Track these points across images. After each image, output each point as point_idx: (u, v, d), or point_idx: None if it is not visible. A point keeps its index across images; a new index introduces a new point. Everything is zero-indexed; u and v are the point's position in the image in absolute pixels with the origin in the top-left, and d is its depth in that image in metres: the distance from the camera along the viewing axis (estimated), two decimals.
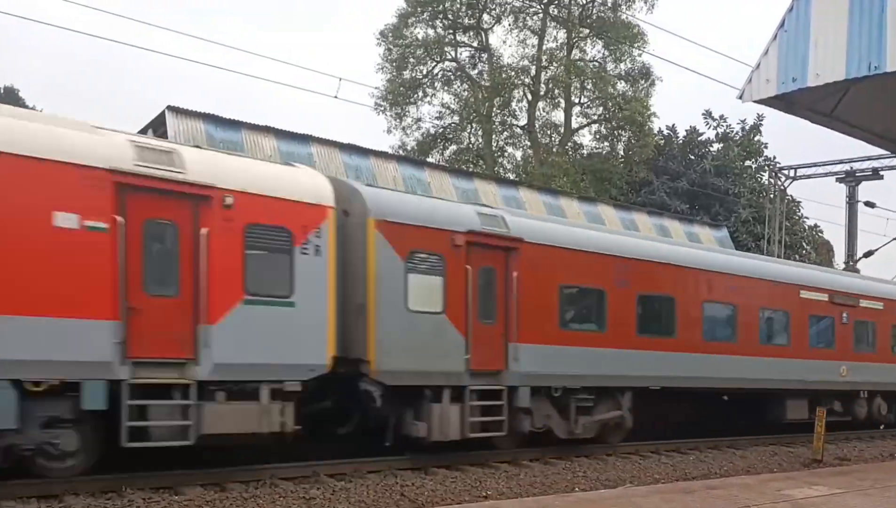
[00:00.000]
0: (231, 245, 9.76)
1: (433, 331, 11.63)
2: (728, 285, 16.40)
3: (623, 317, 14.29)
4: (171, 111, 18.60)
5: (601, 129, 40.54)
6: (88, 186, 8.81)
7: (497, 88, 37.94)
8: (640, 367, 14.38)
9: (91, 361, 8.79)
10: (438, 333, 11.66)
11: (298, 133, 21.03)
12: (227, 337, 9.66)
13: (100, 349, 8.81)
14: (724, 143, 41.48)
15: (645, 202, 36.51)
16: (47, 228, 8.58)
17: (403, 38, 38.77)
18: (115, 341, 8.88)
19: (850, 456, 16.47)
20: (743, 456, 15.48)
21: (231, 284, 9.75)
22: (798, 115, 12.67)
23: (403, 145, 40.36)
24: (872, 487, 11.20)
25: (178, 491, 9.47)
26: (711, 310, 16.13)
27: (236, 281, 9.80)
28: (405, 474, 11.35)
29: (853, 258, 33.93)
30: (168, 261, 9.49)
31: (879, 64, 10.02)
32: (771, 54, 11.07)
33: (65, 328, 8.62)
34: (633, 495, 9.82)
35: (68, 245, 8.71)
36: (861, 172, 32.94)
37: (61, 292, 8.65)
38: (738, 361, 16.32)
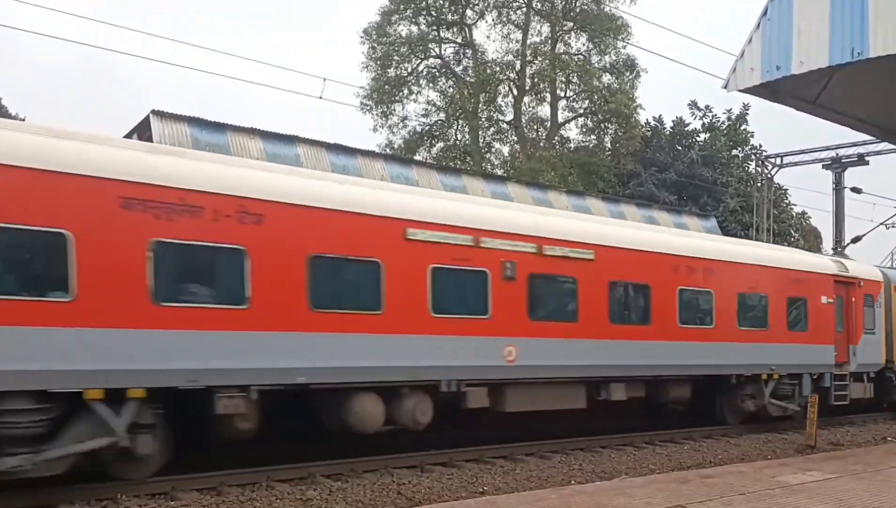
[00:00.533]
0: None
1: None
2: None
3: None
4: (155, 115, 18.43)
5: (588, 122, 40.59)
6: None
7: (482, 84, 37.92)
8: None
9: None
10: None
11: (285, 134, 20.89)
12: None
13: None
14: (711, 133, 41.64)
15: (633, 194, 36.59)
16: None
17: (387, 36, 38.68)
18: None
19: (842, 441, 16.57)
20: (737, 444, 15.55)
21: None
22: (783, 103, 12.73)
23: (390, 144, 40.33)
24: (865, 471, 11.28)
25: (174, 497, 9.43)
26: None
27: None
28: (401, 472, 11.35)
29: (841, 244, 34.14)
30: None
31: (863, 50, 10.07)
32: (755, 43, 11.11)
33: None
34: (630, 486, 9.85)
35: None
36: (847, 158, 33.11)
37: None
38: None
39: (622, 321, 14.40)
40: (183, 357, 9.45)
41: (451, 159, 39.67)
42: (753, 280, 16.96)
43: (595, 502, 8.57)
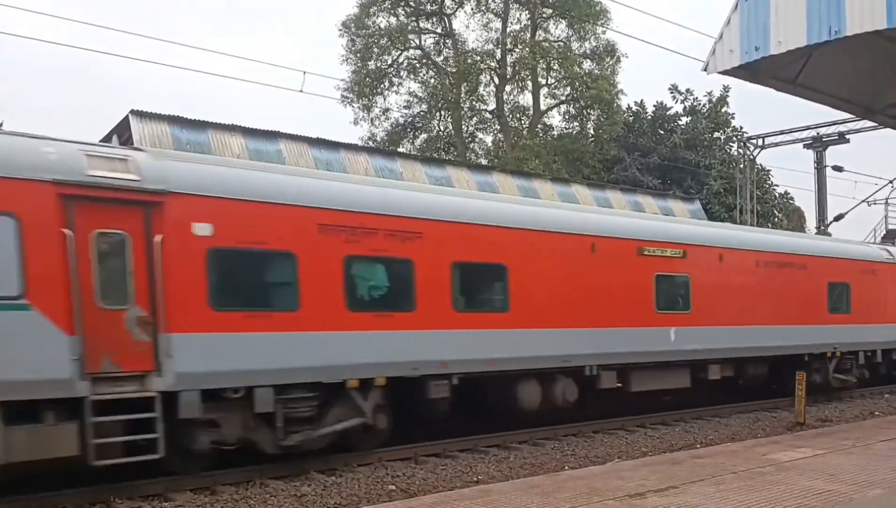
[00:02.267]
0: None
1: None
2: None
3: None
4: (134, 115, 18.34)
5: (570, 109, 40.65)
6: None
7: (463, 74, 37.84)
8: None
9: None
10: None
11: (266, 130, 20.86)
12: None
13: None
14: (692, 116, 41.80)
15: (618, 180, 36.73)
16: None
17: (366, 28, 38.52)
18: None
19: (831, 417, 16.73)
20: (727, 424, 15.66)
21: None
22: (763, 83, 12.79)
23: (373, 137, 40.22)
24: (854, 446, 11.40)
25: (168, 498, 9.40)
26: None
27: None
28: (395, 464, 11.37)
29: (824, 223, 34.42)
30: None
31: (839, 28, 10.13)
32: (733, 24, 11.15)
33: None
34: (622, 469, 9.91)
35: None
36: (827, 137, 33.32)
37: None
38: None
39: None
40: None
41: (435, 151, 39.63)
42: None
43: (589, 486, 8.62)
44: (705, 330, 15.95)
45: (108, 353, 8.93)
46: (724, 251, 16.62)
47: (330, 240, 10.80)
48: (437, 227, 12.00)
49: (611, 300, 14.28)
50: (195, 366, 9.48)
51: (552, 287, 13.36)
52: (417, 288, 11.71)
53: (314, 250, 10.64)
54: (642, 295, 14.91)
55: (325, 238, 10.76)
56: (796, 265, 18.51)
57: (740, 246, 17.22)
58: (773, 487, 8.51)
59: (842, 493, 8.15)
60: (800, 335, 18.38)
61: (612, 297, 14.30)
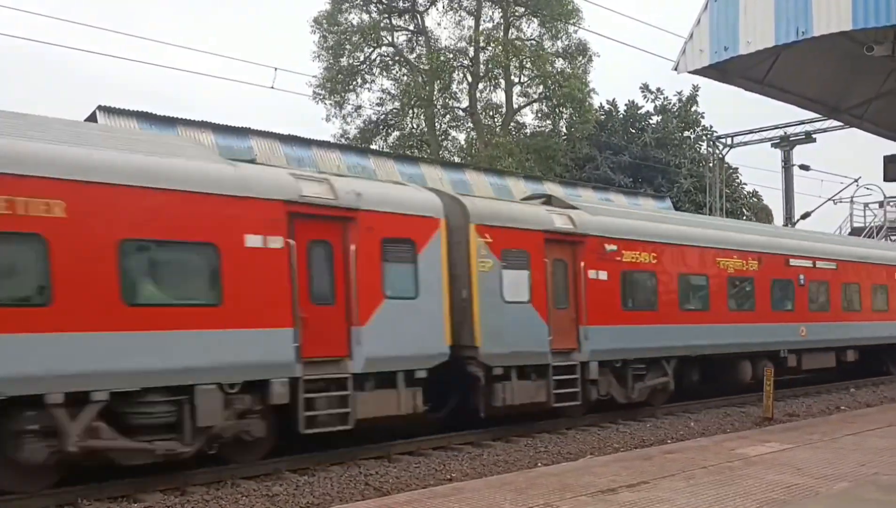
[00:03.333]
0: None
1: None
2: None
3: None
4: (102, 111, 18.07)
5: (542, 107, 40.81)
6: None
7: (436, 72, 37.83)
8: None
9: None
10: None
11: (237, 127, 20.66)
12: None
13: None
14: (663, 115, 42.19)
15: (590, 178, 36.97)
16: None
17: (338, 25, 38.33)
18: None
19: (798, 412, 16.98)
20: (697, 420, 15.83)
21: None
22: (732, 83, 12.94)
23: (345, 134, 40.05)
24: (821, 440, 11.58)
25: (138, 499, 9.26)
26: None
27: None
28: (368, 463, 11.33)
29: (791, 221, 34.95)
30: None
31: (807, 29, 10.28)
32: (703, 24, 11.26)
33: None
34: (594, 465, 9.98)
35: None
36: (795, 136, 33.86)
37: None
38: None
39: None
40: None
41: (408, 148, 39.59)
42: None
43: (561, 482, 8.66)
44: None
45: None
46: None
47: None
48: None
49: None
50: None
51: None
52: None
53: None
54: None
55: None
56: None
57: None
58: (742, 481, 8.62)
59: (808, 486, 8.28)
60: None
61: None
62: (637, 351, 15.45)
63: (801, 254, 20.17)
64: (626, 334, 15.19)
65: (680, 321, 16.41)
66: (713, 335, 17.08)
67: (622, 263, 15.23)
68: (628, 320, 15.32)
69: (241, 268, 9.99)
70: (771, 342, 18.81)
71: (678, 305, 16.45)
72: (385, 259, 11.59)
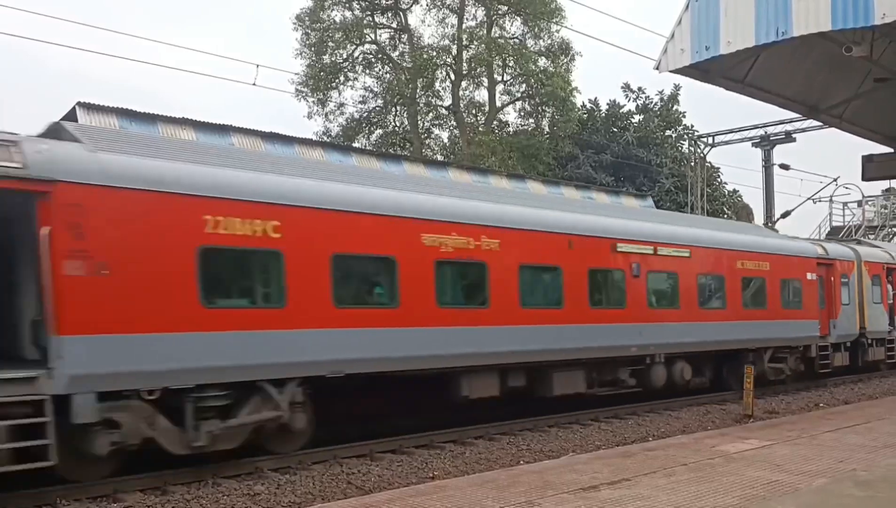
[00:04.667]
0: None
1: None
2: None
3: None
4: (81, 107, 17.80)
5: (525, 106, 40.87)
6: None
7: (419, 69, 37.75)
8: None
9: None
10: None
11: (217, 124, 20.43)
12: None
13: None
14: (645, 114, 42.38)
15: (572, 177, 37.03)
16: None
17: (321, 22, 38.14)
18: None
19: (778, 409, 17.14)
20: (678, 417, 15.94)
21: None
22: (713, 83, 13.03)
23: (327, 131, 39.85)
24: (800, 437, 11.70)
25: (117, 498, 9.19)
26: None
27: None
28: (350, 461, 11.30)
29: (771, 219, 35.26)
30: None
31: (786, 29, 10.38)
32: (684, 24, 11.33)
33: None
34: (576, 463, 10.02)
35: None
36: (775, 135, 34.17)
37: None
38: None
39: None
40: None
41: (391, 146, 39.48)
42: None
43: (543, 480, 8.69)
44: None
45: None
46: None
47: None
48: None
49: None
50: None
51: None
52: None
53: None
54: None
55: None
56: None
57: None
58: (722, 478, 8.69)
59: (788, 483, 8.36)
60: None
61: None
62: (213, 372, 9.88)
63: (635, 238, 15.86)
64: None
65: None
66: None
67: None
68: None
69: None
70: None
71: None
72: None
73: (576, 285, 14.42)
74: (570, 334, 14.32)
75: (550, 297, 14.34)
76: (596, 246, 14.96)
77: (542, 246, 13.99)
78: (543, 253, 14.00)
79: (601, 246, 15.06)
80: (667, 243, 16.43)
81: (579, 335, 14.45)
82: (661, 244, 16.17)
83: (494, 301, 13.13)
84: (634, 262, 15.68)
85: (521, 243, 13.59)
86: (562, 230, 14.42)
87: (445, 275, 12.68)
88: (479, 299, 13.19)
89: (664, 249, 16.28)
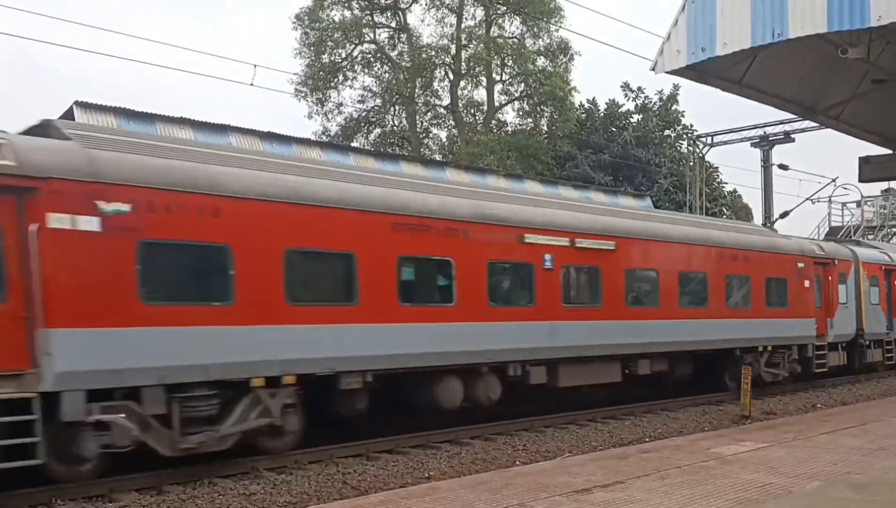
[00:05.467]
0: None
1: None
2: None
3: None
4: (79, 106, 17.78)
5: (524, 105, 40.87)
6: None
7: (418, 69, 37.75)
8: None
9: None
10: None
11: (215, 123, 20.41)
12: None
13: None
14: (644, 114, 42.36)
15: (570, 176, 37.01)
16: None
17: (320, 22, 38.14)
18: None
19: (776, 410, 17.14)
20: (675, 418, 15.94)
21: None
22: (710, 84, 13.02)
23: (326, 131, 39.87)
24: (796, 439, 11.71)
25: (113, 498, 9.19)
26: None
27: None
28: (346, 461, 11.30)
29: (770, 220, 35.25)
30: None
31: (782, 31, 10.37)
32: (680, 25, 11.33)
33: None
34: (570, 465, 10.02)
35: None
36: (774, 136, 34.12)
37: None
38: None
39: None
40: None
41: (389, 145, 39.49)
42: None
43: (537, 482, 8.69)
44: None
45: None
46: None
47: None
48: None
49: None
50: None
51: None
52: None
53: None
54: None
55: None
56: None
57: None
58: (716, 481, 8.70)
59: (781, 486, 8.36)
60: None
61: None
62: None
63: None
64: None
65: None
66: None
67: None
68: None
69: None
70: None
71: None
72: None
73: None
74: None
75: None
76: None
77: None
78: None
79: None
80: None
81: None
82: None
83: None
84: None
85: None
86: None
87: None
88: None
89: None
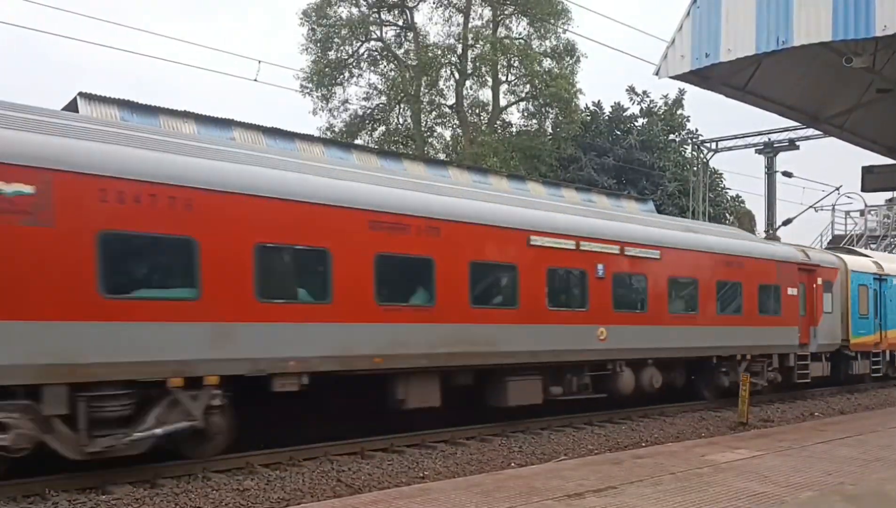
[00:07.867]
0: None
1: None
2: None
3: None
4: (83, 98, 17.87)
5: (529, 106, 40.83)
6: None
7: (424, 68, 37.76)
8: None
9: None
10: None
11: (219, 118, 20.50)
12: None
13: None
14: (648, 118, 42.32)
15: (573, 179, 37.01)
16: None
17: (327, 18, 38.18)
18: None
19: (772, 418, 17.13)
20: (672, 424, 15.92)
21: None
22: (713, 89, 12.98)
23: (331, 127, 39.92)
24: (791, 447, 11.68)
25: (106, 491, 9.20)
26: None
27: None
28: (341, 459, 11.31)
29: (773, 227, 35.18)
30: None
31: (787, 38, 10.34)
32: (685, 30, 11.29)
33: None
34: (564, 468, 10.01)
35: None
36: (778, 143, 34.01)
37: None
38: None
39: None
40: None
41: (393, 144, 39.51)
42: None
43: (529, 485, 8.69)
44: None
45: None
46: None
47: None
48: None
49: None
50: None
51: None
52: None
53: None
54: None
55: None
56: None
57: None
58: (709, 488, 8.68)
59: (774, 495, 8.34)
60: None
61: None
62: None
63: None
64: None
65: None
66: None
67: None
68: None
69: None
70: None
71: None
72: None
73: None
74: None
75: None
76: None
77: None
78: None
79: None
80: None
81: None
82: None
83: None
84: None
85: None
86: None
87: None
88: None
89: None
